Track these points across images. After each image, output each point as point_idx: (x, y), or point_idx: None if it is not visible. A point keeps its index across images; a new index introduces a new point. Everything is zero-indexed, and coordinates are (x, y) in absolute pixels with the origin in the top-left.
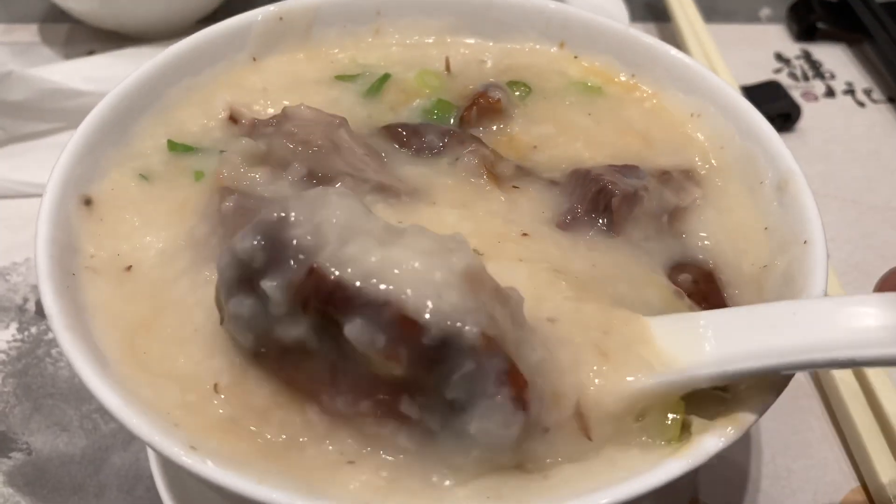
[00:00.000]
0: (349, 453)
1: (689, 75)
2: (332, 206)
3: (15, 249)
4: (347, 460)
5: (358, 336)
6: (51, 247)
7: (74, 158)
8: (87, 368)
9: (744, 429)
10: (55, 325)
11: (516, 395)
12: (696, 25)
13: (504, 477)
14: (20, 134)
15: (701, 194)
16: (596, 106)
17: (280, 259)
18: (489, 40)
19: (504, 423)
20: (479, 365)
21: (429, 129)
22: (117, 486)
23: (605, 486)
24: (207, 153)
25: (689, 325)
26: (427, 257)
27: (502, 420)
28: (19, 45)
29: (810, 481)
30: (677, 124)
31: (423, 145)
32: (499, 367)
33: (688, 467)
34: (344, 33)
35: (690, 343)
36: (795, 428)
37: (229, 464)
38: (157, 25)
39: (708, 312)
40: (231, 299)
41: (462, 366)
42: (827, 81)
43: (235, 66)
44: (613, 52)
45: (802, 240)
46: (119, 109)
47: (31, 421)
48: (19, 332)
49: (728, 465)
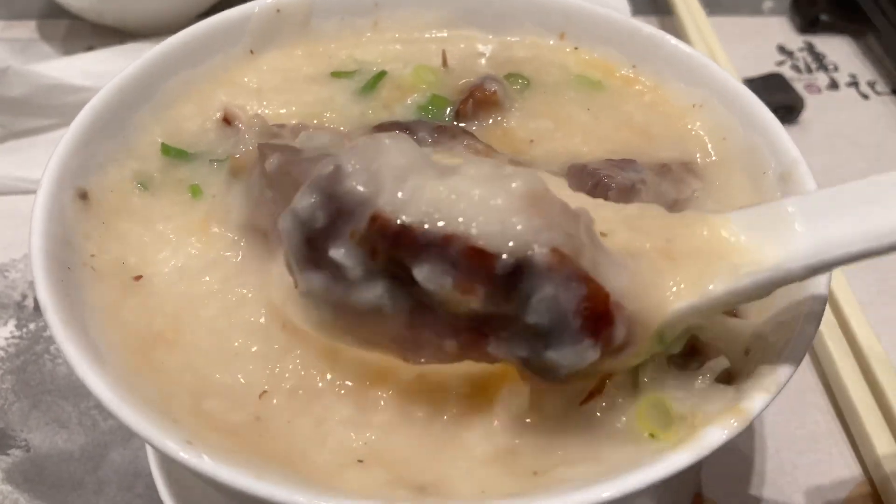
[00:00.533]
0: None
1: (690, 65)
2: (386, 151)
3: (13, 246)
4: (357, 459)
5: (429, 277)
6: (46, 240)
7: (70, 151)
8: (82, 361)
9: (747, 421)
10: (49, 316)
11: (595, 317)
12: (699, 18)
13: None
14: (19, 130)
15: (701, 186)
16: (595, 100)
17: (341, 214)
18: (488, 33)
19: (583, 349)
20: (556, 285)
21: (420, 125)
22: (116, 483)
23: (608, 479)
24: (200, 160)
25: (774, 214)
26: (486, 184)
27: (580, 349)
28: (18, 42)
29: (816, 476)
30: (678, 116)
31: (415, 141)
32: (576, 286)
33: (691, 460)
34: (342, 25)
35: (779, 234)
36: (801, 422)
37: (227, 460)
38: (157, 21)
39: (794, 197)
40: (302, 275)
41: (539, 288)
42: (830, 74)
43: (232, 60)
44: (614, 43)
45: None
46: (115, 102)
47: (29, 418)
48: (18, 329)
49: (732, 460)
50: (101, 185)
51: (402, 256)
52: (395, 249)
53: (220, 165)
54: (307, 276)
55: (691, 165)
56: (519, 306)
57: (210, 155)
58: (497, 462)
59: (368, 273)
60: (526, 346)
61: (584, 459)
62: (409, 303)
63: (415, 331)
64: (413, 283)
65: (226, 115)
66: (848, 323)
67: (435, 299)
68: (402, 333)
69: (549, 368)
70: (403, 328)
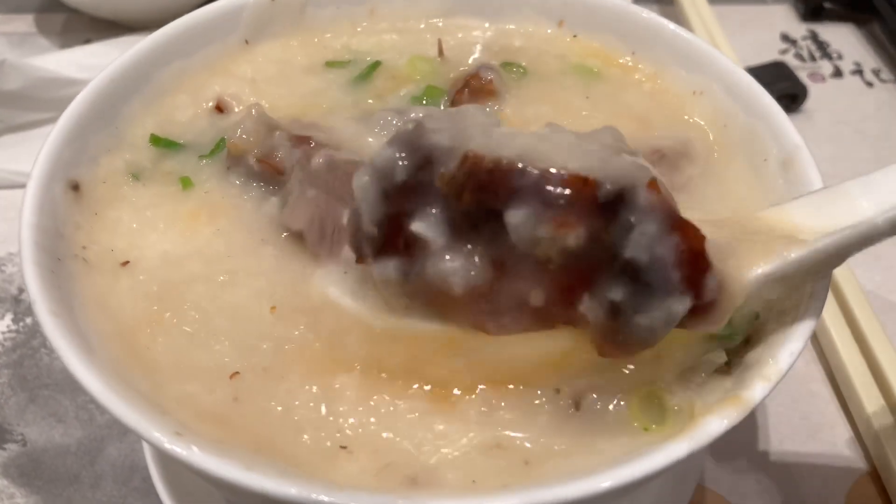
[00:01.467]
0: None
1: (690, 51)
2: (470, 113)
3: (9, 240)
4: (340, 445)
5: (523, 220)
6: (36, 231)
7: (61, 143)
8: (71, 353)
9: (748, 409)
10: (38, 308)
11: (692, 259)
12: (700, 6)
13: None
14: (15, 123)
15: (698, 172)
16: (594, 89)
17: (427, 164)
18: (485, 21)
19: (676, 297)
20: (656, 221)
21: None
22: (113, 477)
23: (606, 469)
24: (190, 150)
25: (837, 194)
26: (575, 137)
27: (674, 296)
28: (15, 35)
29: (820, 466)
30: (678, 104)
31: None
32: (674, 227)
33: (690, 450)
34: (338, 14)
35: (847, 207)
36: (804, 413)
37: (217, 450)
38: (154, 14)
39: (853, 180)
40: (376, 264)
41: (640, 222)
42: (834, 62)
43: (227, 50)
44: (613, 30)
45: None
46: (106, 93)
47: (26, 412)
48: (14, 323)
49: (735, 451)
50: (92, 177)
51: (492, 201)
52: (486, 192)
53: (212, 156)
54: (381, 265)
55: (687, 152)
56: (616, 242)
57: (201, 143)
58: (487, 452)
59: (452, 235)
60: (620, 289)
61: (580, 451)
62: (494, 258)
63: (498, 290)
64: (497, 238)
65: (219, 104)
66: (852, 312)
67: (524, 247)
68: (485, 295)
69: (635, 320)
70: (486, 288)
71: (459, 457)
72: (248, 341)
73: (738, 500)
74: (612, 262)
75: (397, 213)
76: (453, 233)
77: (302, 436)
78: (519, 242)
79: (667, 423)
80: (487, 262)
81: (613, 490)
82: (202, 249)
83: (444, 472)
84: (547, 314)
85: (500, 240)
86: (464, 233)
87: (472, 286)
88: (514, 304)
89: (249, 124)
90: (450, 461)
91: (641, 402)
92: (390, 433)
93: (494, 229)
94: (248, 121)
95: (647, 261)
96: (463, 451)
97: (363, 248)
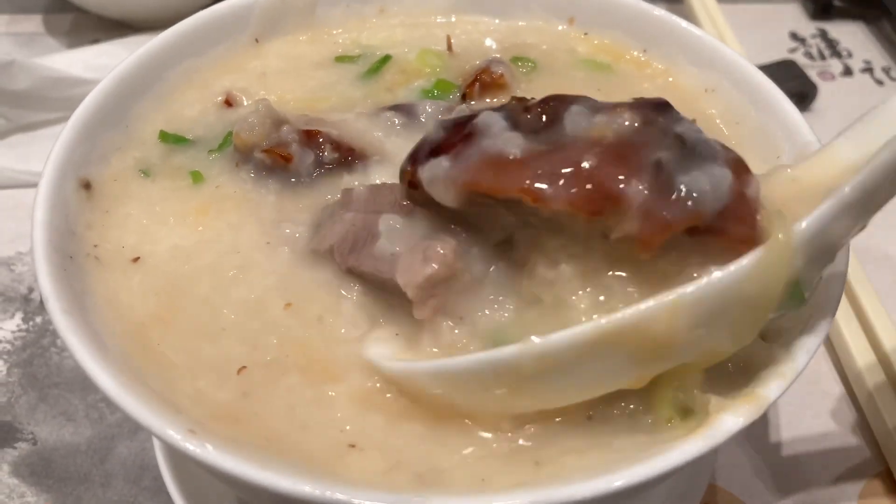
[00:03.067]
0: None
1: (702, 49)
2: None
3: (19, 239)
4: (349, 443)
5: (581, 111)
6: (48, 230)
7: (72, 141)
8: (84, 351)
9: (763, 407)
10: (51, 307)
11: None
12: (709, 5)
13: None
14: (24, 123)
15: None
16: (606, 82)
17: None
18: (495, 18)
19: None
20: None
21: (422, 105)
22: (123, 476)
23: (619, 468)
24: (199, 145)
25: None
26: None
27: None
28: (23, 36)
29: (831, 465)
30: (690, 100)
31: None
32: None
33: (706, 447)
34: (348, 13)
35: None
36: (816, 411)
37: (232, 448)
38: (162, 14)
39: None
40: (427, 165)
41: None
42: (844, 60)
43: (237, 48)
44: (623, 28)
45: None
46: (116, 93)
47: (36, 411)
48: (24, 322)
49: (746, 450)
50: (103, 175)
51: (554, 110)
52: (549, 104)
53: (221, 150)
54: (433, 163)
55: None
56: (668, 126)
57: (210, 137)
58: (497, 451)
59: (513, 127)
60: (667, 151)
61: (594, 447)
62: (552, 141)
63: (553, 156)
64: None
65: (227, 98)
66: (864, 311)
67: (581, 133)
68: (540, 158)
69: (679, 179)
70: (541, 154)
71: (468, 455)
72: (259, 337)
73: (750, 498)
74: (663, 138)
75: (465, 119)
76: (515, 126)
77: (311, 432)
78: (575, 130)
79: (689, 417)
80: (545, 141)
81: (626, 489)
82: (212, 244)
83: (452, 470)
84: (598, 183)
85: (558, 132)
86: (525, 130)
87: (527, 150)
88: (568, 164)
89: (256, 118)
90: (459, 459)
91: (663, 396)
92: (399, 432)
93: (552, 129)
94: (254, 115)
95: (694, 137)
96: (472, 449)
97: (420, 153)
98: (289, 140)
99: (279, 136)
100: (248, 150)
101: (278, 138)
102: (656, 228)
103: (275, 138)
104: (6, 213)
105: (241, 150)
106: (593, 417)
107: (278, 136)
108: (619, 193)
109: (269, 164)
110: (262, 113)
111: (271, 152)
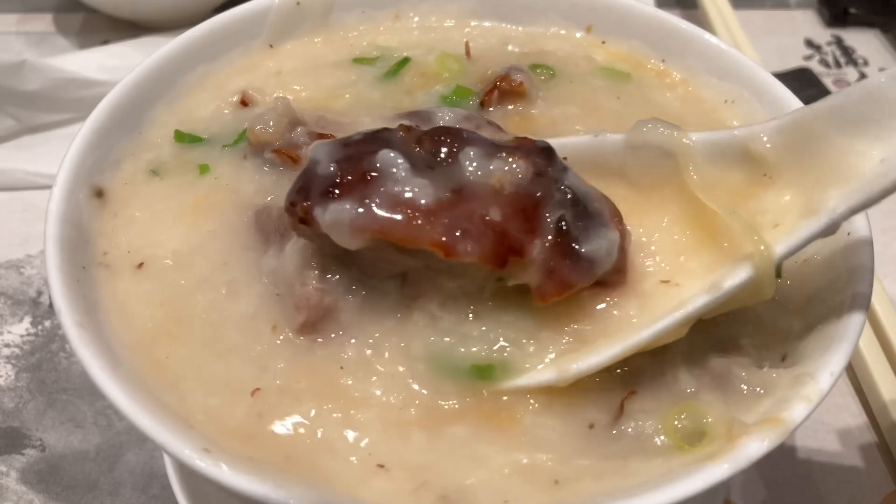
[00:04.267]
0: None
1: (722, 60)
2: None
3: (29, 241)
4: (377, 463)
5: (478, 154)
6: (60, 241)
7: (85, 149)
8: (97, 365)
9: (788, 431)
10: (64, 320)
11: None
12: (724, 12)
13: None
14: (34, 124)
15: None
16: (625, 91)
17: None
18: (512, 24)
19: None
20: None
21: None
22: (132, 484)
23: (640, 493)
24: (214, 143)
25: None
26: None
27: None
28: (34, 35)
29: (847, 482)
30: (710, 111)
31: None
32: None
33: (729, 473)
34: (363, 18)
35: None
36: (831, 427)
37: (247, 468)
38: (173, 14)
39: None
40: (329, 207)
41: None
42: (860, 68)
43: (251, 53)
44: (642, 37)
45: (846, 231)
46: (131, 98)
47: (44, 417)
48: (33, 326)
49: (761, 465)
50: (115, 181)
51: (448, 145)
52: (442, 141)
53: (235, 145)
54: (335, 206)
55: None
56: (557, 176)
57: (225, 135)
58: (519, 471)
59: (412, 168)
60: (564, 208)
61: (612, 472)
62: (453, 186)
63: (460, 206)
64: (454, 175)
65: (243, 98)
66: (881, 324)
67: (479, 178)
68: (449, 209)
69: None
70: (449, 204)
71: (492, 475)
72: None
73: None
74: (555, 192)
75: (357, 154)
76: (413, 167)
77: (335, 453)
78: (473, 175)
79: (703, 440)
80: (448, 187)
81: None
82: (206, 240)
83: (476, 490)
84: (505, 237)
85: (457, 175)
86: (422, 169)
87: (438, 198)
88: (475, 219)
89: (272, 116)
90: (483, 480)
91: (679, 418)
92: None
93: (450, 170)
94: (271, 112)
95: (582, 191)
96: (496, 469)
97: (313, 189)
98: (301, 142)
99: (292, 137)
100: (261, 146)
101: (291, 139)
102: (559, 287)
103: (288, 139)
104: (16, 215)
105: (255, 145)
106: (610, 438)
107: (291, 138)
108: (525, 250)
109: (278, 163)
110: (280, 111)
111: (280, 153)
